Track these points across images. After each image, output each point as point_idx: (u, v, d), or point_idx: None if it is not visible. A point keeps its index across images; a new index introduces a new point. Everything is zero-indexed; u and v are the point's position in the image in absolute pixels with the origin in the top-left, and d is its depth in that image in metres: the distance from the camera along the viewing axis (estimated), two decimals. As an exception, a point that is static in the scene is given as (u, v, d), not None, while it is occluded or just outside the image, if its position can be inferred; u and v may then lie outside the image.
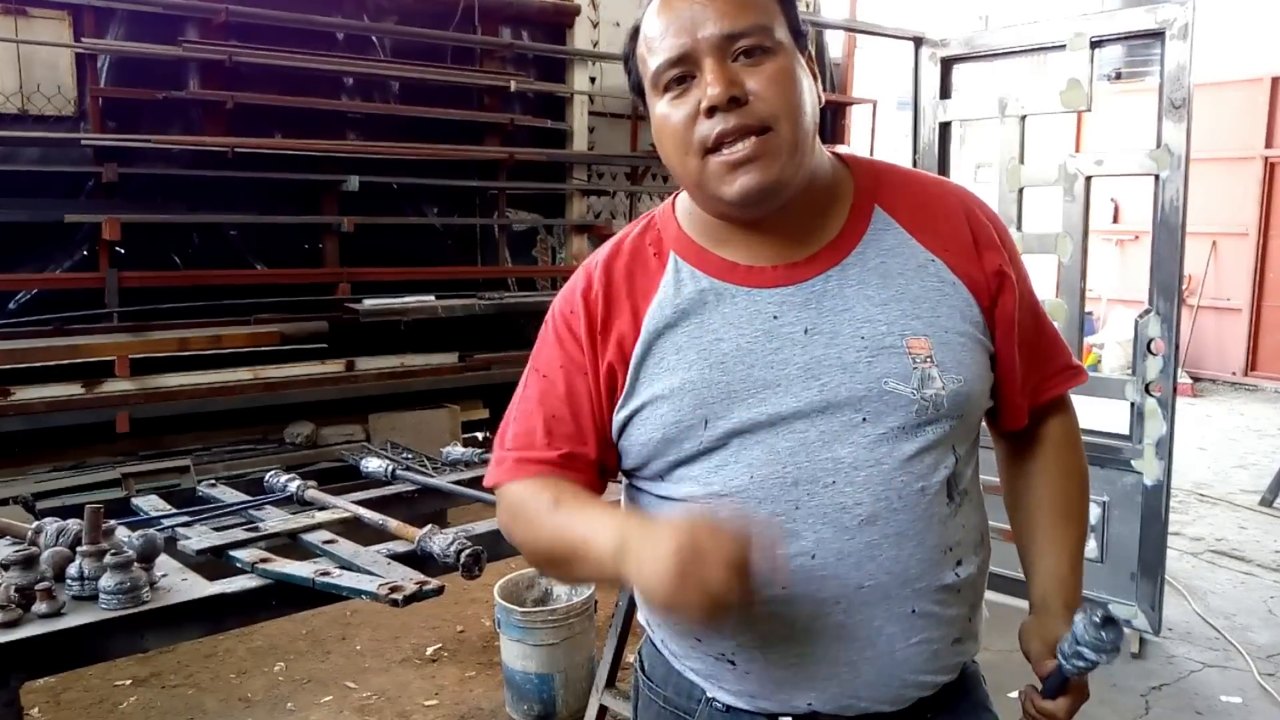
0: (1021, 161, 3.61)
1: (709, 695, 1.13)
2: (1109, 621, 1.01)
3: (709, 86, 1.00)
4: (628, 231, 1.18)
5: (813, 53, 1.10)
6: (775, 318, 1.06)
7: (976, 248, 1.11)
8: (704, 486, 1.06)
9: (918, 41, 3.88)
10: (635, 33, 1.09)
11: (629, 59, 1.11)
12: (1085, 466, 1.25)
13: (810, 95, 1.05)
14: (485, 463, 2.55)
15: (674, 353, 1.08)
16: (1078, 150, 7.60)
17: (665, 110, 1.05)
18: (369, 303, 4.88)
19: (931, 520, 1.06)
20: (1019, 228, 3.65)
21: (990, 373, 1.12)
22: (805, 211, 1.09)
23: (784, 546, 1.03)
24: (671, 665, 1.17)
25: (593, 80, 6.05)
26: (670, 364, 1.08)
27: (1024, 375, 1.16)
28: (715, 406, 1.05)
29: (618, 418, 1.10)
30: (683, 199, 1.16)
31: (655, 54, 1.04)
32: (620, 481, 1.21)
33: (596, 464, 1.13)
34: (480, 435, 5.41)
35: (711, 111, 1.00)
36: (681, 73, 1.03)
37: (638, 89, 1.11)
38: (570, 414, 1.11)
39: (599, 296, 1.12)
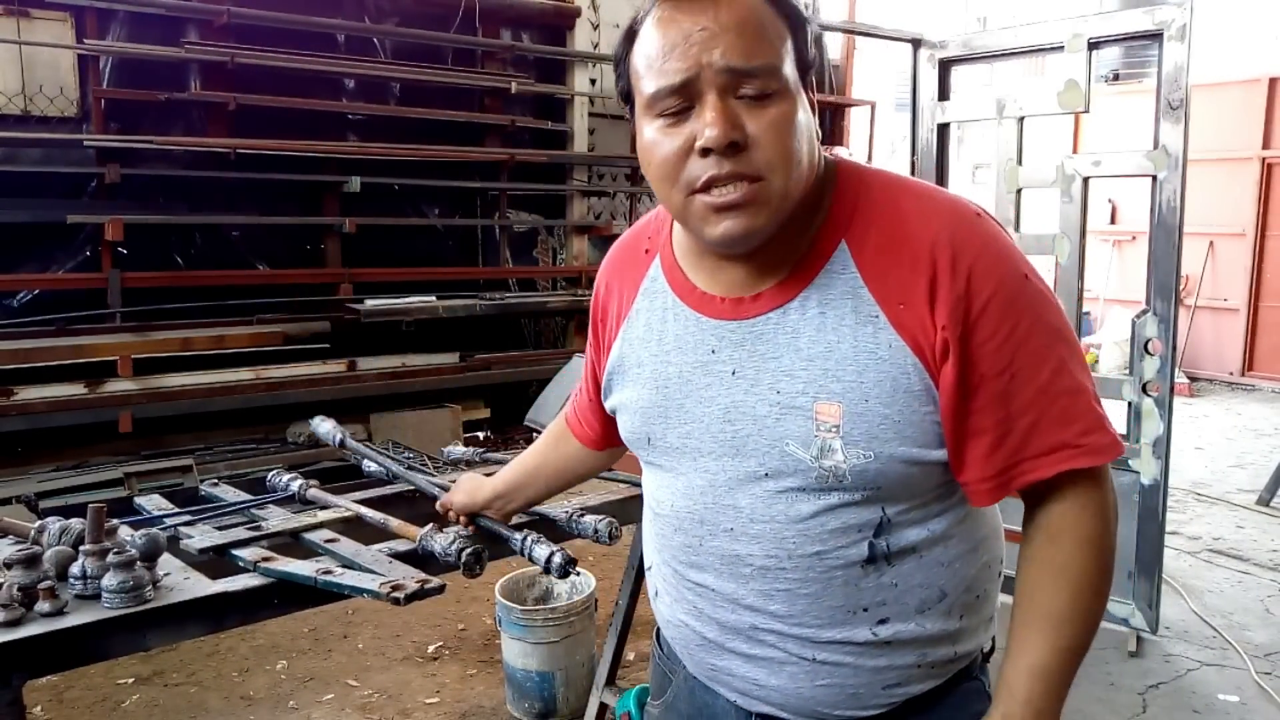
0: (1019, 163, 3.62)
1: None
2: None
3: (708, 127, 0.92)
4: (639, 223, 1.25)
5: (813, 80, 1.01)
6: (713, 351, 1.05)
7: (932, 302, 0.96)
8: (651, 498, 1.17)
9: (916, 43, 3.89)
10: (630, 36, 1.00)
11: (620, 63, 1.02)
12: (1086, 565, 1.05)
13: (808, 138, 0.97)
14: (486, 462, 2.58)
15: (636, 366, 1.14)
16: (1075, 151, 7.62)
17: (655, 137, 0.96)
18: (370, 303, 4.90)
19: (832, 583, 1.01)
20: (1017, 229, 3.66)
21: (931, 448, 0.99)
22: (775, 247, 1.01)
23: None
24: None
25: (593, 82, 6.06)
26: (633, 376, 1.15)
27: (985, 453, 0.99)
28: (656, 426, 1.11)
29: (608, 406, 1.23)
30: None
31: (653, 75, 0.95)
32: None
33: (606, 425, 1.33)
34: (481, 434, 5.42)
35: (706, 152, 0.92)
36: (679, 102, 0.94)
37: (626, 97, 1.03)
38: (588, 389, 1.35)
39: (602, 289, 1.24)
